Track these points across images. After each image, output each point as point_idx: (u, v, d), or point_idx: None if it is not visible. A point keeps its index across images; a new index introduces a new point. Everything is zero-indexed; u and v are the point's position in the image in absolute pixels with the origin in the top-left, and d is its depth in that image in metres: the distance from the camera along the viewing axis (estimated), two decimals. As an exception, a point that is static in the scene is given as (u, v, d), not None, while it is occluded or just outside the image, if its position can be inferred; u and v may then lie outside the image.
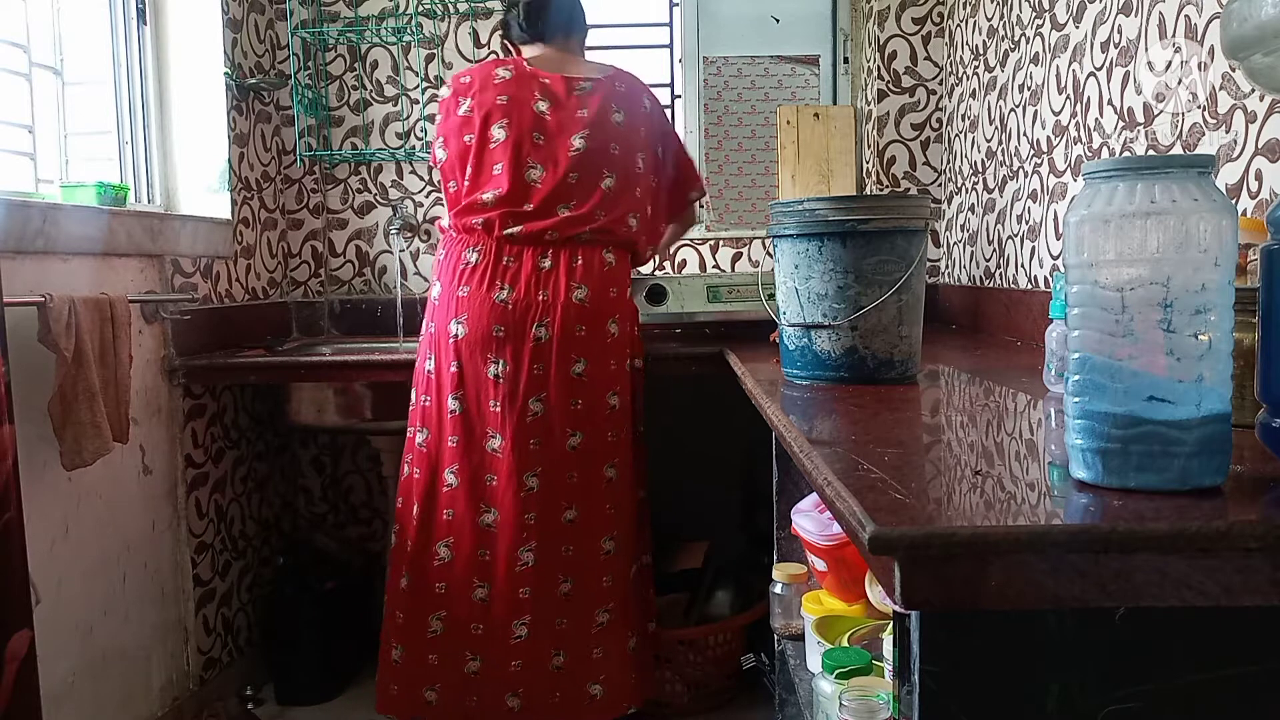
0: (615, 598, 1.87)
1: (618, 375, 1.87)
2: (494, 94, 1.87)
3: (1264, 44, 0.77)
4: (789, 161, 2.75)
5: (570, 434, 1.82)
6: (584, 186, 1.84)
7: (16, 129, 1.90)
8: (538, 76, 1.89)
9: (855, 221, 1.33)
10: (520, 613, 1.81)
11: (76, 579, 1.85)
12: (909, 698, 0.66)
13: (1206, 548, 0.62)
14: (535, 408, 1.80)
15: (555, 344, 1.80)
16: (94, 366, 1.75)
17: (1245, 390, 0.84)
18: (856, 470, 0.78)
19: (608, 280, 1.86)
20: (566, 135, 1.85)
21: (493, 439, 1.81)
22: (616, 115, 1.89)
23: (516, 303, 1.80)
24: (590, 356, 1.82)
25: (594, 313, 1.83)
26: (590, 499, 1.84)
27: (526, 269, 1.81)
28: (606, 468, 1.85)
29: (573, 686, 1.83)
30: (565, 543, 1.83)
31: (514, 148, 1.84)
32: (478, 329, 1.80)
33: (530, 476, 1.81)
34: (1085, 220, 0.69)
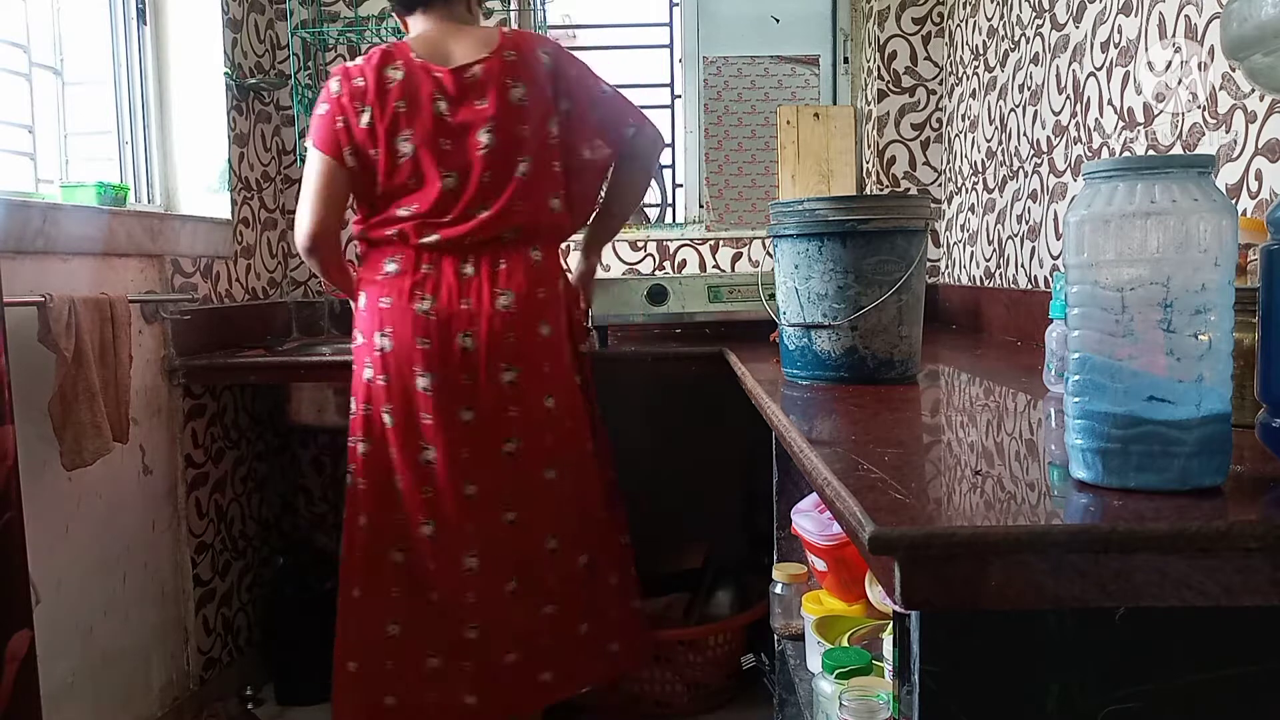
0: (560, 591, 1.86)
1: (552, 376, 1.81)
2: (392, 100, 1.75)
3: (1264, 44, 0.76)
4: (789, 161, 2.75)
5: (505, 441, 1.77)
6: (498, 183, 1.75)
7: (16, 129, 1.90)
8: (429, 71, 1.76)
9: (855, 221, 1.33)
10: (470, 618, 1.81)
11: (76, 579, 1.85)
12: (909, 698, 0.66)
13: (1206, 548, 0.62)
14: (465, 417, 1.75)
15: (482, 354, 1.74)
16: (94, 366, 1.74)
17: (1245, 390, 0.84)
18: (856, 470, 0.78)
19: (535, 281, 1.78)
20: (472, 133, 1.75)
21: (426, 451, 1.77)
22: (515, 90, 1.76)
23: (439, 313, 1.74)
24: (521, 363, 1.76)
25: (522, 317, 1.75)
26: (530, 501, 1.80)
27: (448, 277, 1.75)
28: (546, 470, 1.81)
29: (525, 678, 1.84)
30: (508, 545, 1.81)
31: (426, 160, 1.75)
32: (402, 342, 1.75)
33: (468, 485, 1.77)
34: (1085, 220, 0.69)
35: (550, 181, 1.81)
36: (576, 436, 1.87)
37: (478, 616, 1.81)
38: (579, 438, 1.88)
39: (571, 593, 1.88)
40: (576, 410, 1.88)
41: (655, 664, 2.19)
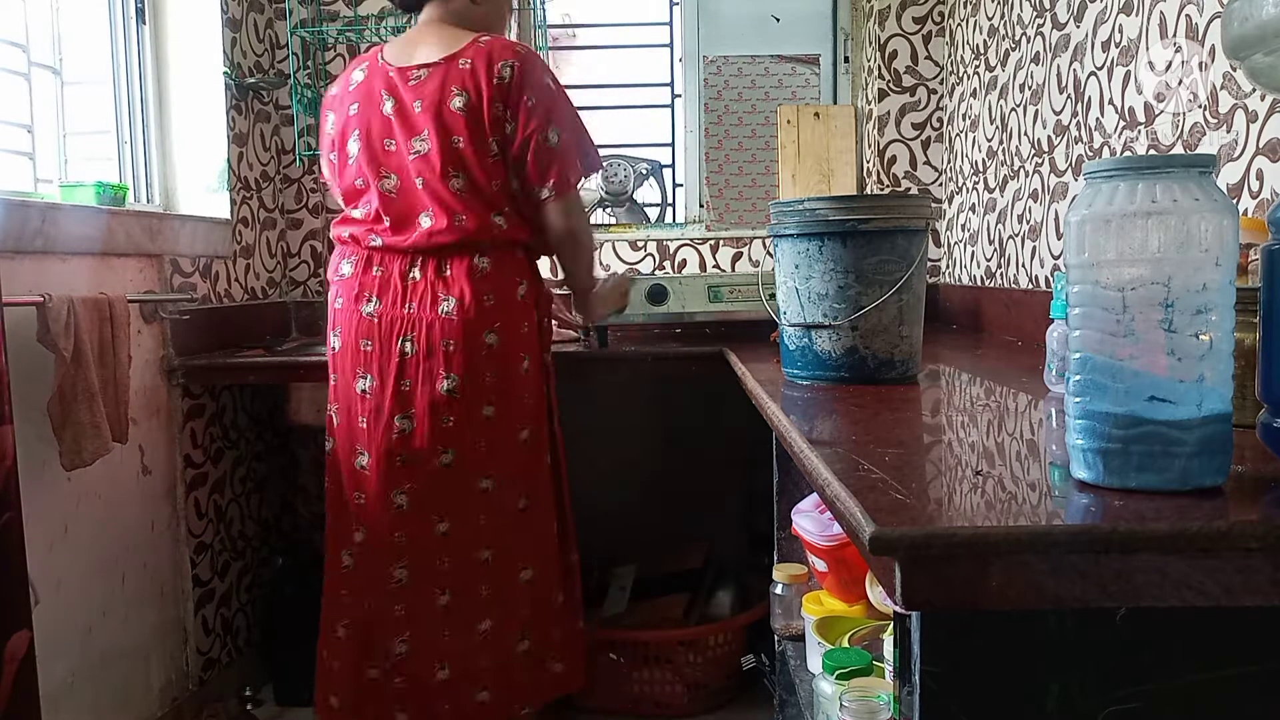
0: (495, 605, 1.80)
1: (494, 387, 1.74)
2: (349, 103, 1.78)
3: (1265, 43, 0.76)
4: (789, 161, 2.75)
5: (441, 451, 1.73)
6: (434, 192, 1.70)
7: (15, 129, 1.90)
8: (385, 73, 1.75)
9: (856, 221, 1.33)
10: (399, 630, 1.78)
11: (76, 579, 1.85)
12: (909, 698, 0.66)
13: (1207, 548, 0.61)
14: (401, 425, 1.72)
15: (420, 360, 1.71)
16: (93, 366, 1.74)
17: (1246, 390, 0.84)
18: (857, 470, 0.78)
19: (482, 288, 1.71)
20: (410, 135, 1.72)
21: (360, 455, 1.76)
22: (456, 100, 1.68)
23: (382, 316, 1.72)
24: (462, 372, 1.71)
25: (462, 326, 1.70)
26: (462, 512, 1.76)
27: (394, 281, 1.72)
28: (480, 480, 1.76)
29: (460, 698, 1.80)
30: (439, 556, 1.77)
31: (367, 162, 1.75)
32: (348, 342, 1.75)
33: (398, 494, 1.74)
34: (1086, 220, 0.69)
35: (492, 198, 1.73)
36: (523, 449, 1.80)
37: (406, 630, 1.78)
38: (527, 450, 1.81)
39: (510, 608, 1.82)
40: (527, 420, 1.80)
41: (655, 664, 2.18)
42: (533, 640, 1.85)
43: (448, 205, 1.70)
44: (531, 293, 1.81)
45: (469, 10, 1.81)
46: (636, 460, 2.55)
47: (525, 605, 1.84)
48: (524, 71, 1.70)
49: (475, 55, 1.70)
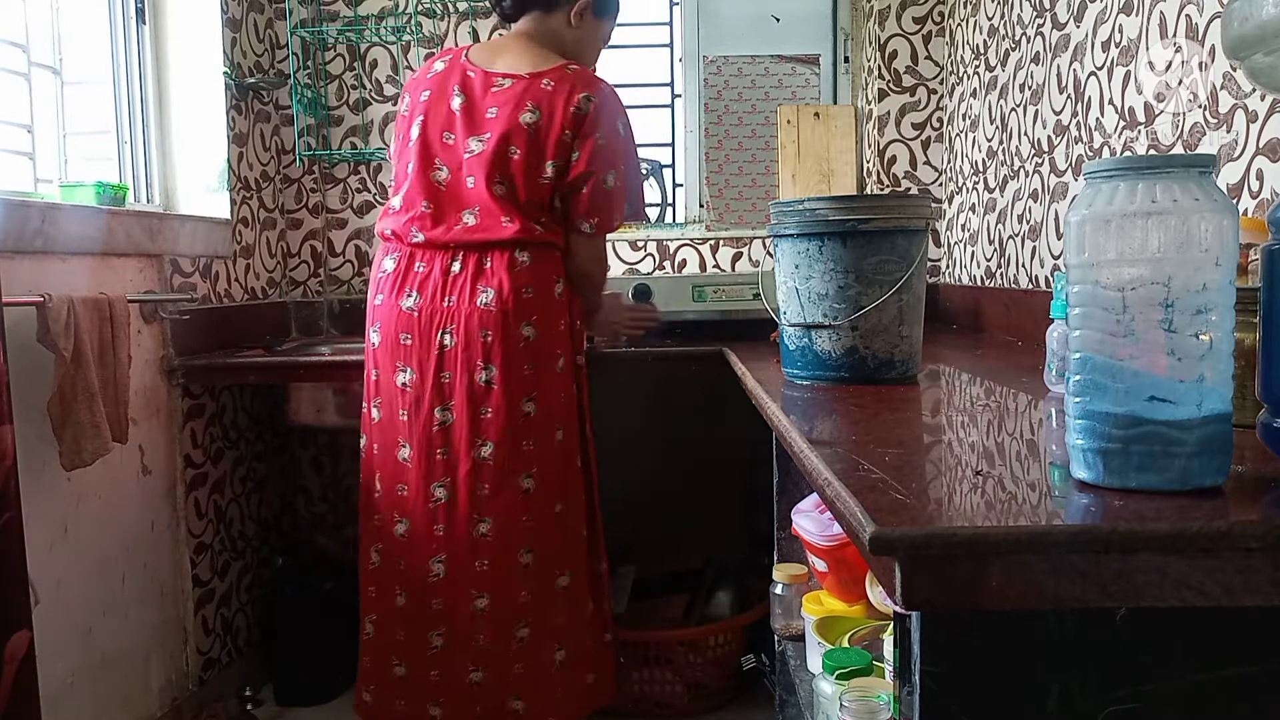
0: (534, 613, 1.79)
1: (533, 381, 1.75)
2: (422, 89, 1.82)
3: (1265, 43, 0.76)
4: (789, 161, 2.75)
5: (480, 444, 1.73)
6: (480, 192, 1.74)
7: (15, 129, 1.90)
8: (465, 70, 1.80)
9: (856, 221, 1.33)
10: (435, 625, 1.78)
11: (76, 579, 1.85)
12: (909, 698, 0.66)
13: (1207, 548, 0.61)
14: (441, 417, 1.74)
15: (459, 352, 1.72)
16: (93, 366, 1.74)
17: (1246, 390, 0.84)
18: (857, 470, 0.78)
19: (521, 281, 1.74)
20: (472, 133, 1.76)
21: (403, 448, 1.77)
22: (528, 115, 1.73)
23: (422, 310, 1.74)
24: (499, 363, 1.72)
25: (501, 316, 1.72)
26: (503, 511, 1.75)
27: (436, 275, 1.75)
28: (522, 478, 1.76)
29: (493, 701, 1.79)
30: (478, 557, 1.76)
31: (422, 147, 1.78)
32: (388, 337, 1.77)
33: (438, 487, 1.75)
34: (1086, 220, 0.69)
35: (529, 209, 1.76)
36: (559, 450, 1.81)
37: (442, 625, 1.78)
38: (562, 451, 1.81)
39: (547, 616, 1.81)
40: (561, 420, 1.81)
41: (655, 664, 2.18)
42: (568, 650, 1.84)
43: (489, 207, 1.74)
44: (566, 292, 1.83)
45: (564, 31, 1.86)
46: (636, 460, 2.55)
47: (562, 613, 1.83)
48: (601, 110, 1.75)
49: (559, 79, 1.75)
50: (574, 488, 1.85)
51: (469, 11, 2.68)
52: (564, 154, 1.75)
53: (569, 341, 1.82)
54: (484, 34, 2.69)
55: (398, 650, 1.81)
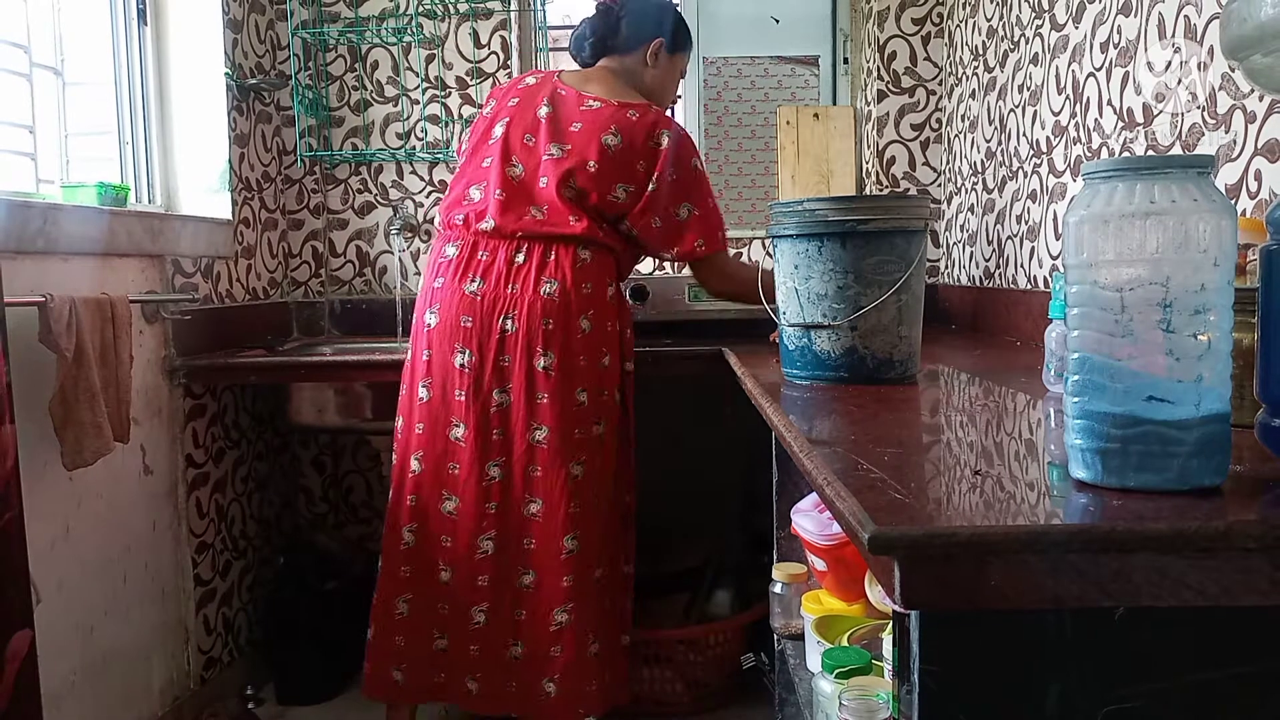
0: (576, 599, 1.83)
1: (588, 372, 1.83)
2: (511, 96, 1.93)
3: (1264, 44, 0.77)
4: (789, 161, 2.75)
5: (534, 427, 1.80)
6: (551, 193, 1.83)
7: (17, 129, 1.90)
8: (556, 87, 1.92)
9: (855, 222, 1.33)
10: (479, 599, 1.83)
11: (77, 579, 1.85)
12: (909, 698, 0.66)
13: (1206, 548, 0.62)
14: (499, 399, 1.80)
15: (521, 337, 1.79)
16: (95, 366, 1.75)
17: (1245, 390, 0.84)
18: (856, 470, 0.78)
19: (582, 276, 1.82)
20: (554, 140, 1.85)
21: (456, 427, 1.82)
22: (610, 138, 1.84)
23: (485, 295, 1.80)
24: (558, 351, 1.79)
25: (563, 307, 1.80)
26: (553, 495, 1.81)
27: (500, 264, 1.81)
28: (573, 465, 1.82)
29: (528, 679, 1.83)
30: (526, 536, 1.82)
31: (504, 145, 1.87)
32: (447, 318, 1.82)
33: (492, 466, 1.81)
34: (1085, 220, 0.69)
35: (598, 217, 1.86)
36: (600, 444, 1.87)
37: (486, 601, 1.83)
38: (606, 446, 1.88)
39: (585, 605, 1.85)
40: (605, 416, 1.87)
41: (655, 663, 2.19)
42: (600, 644, 1.88)
43: (557, 206, 1.82)
44: (618, 296, 1.92)
45: (642, 70, 2.00)
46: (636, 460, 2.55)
47: (596, 606, 1.87)
48: (677, 147, 1.88)
49: (643, 113, 1.88)
50: (612, 484, 1.91)
51: (470, 13, 2.68)
52: (637, 182, 1.85)
53: (617, 343, 1.90)
54: (484, 35, 2.69)
55: (439, 624, 1.85)
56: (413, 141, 2.72)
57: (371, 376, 2.24)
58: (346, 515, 2.79)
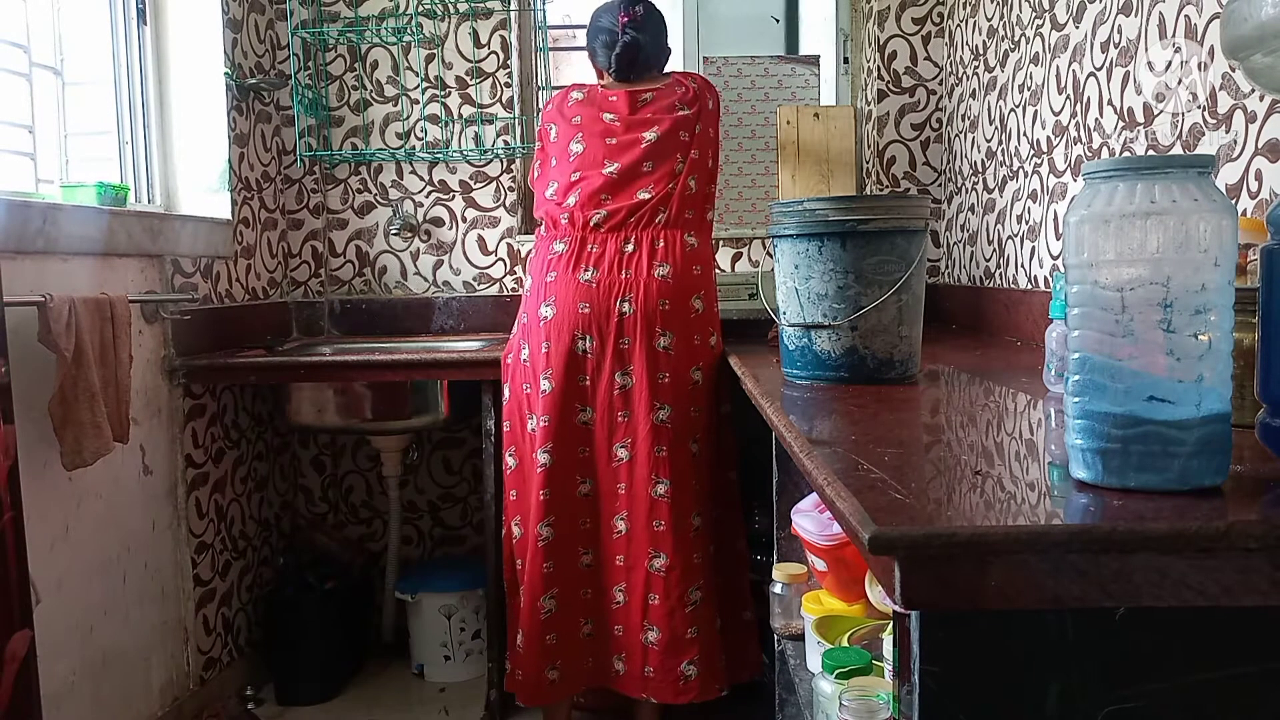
0: (705, 575, 1.90)
1: (701, 351, 1.90)
2: (573, 114, 2.01)
3: (1264, 44, 0.77)
4: (789, 161, 2.75)
5: (658, 407, 1.86)
6: (659, 173, 1.92)
7: (16, 129, 1.90)
8: (606, 96, 2.01)
9: (855, 221, 1.33)
10: (618, 579, 1.89)
11: (77, 579, 1.85)
12: (909, 698, 0.66)
13: (1206, 548, 0.62)
14: (622, 381, 1.86)
15: (640, 319, 1.85)
16: (94, 366, 1.75)
17: (1245, 390, 0.84)
18: (856, 470, 0.78)
19: (691, 259, 1.91)
20: (638, 131, 1.94)
21: (583, 412, 1.89)
22: (682, 110, 1.96)
23: (600, 281, 1.87)
24: (675, 330, 1.86)
25: (677, 289, 1.87)
26: (678, 473, 1.87)
27: (610, 253, 1.89)
28: (691, 443, 1.88)
29: (668, 664, 1.87)
30: (656, 517, 1.87)
31: (590, 154, 1.95)
32: (565, 308, 1.88)
33: (620, 448, 1.87)
34: (1085, 220, 0.69)
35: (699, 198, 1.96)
36: (713, 419, 1.94)
37: (624, 580, 1.88)
38: (716, 421, 1.95)
39: (712, 581, 1.92)
40: (715, 393, 1.94)
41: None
42: (725, 620, 1.94)
43: (670, 183, 1.92)
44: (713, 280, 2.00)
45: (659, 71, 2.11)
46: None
47: (722, 581, 1.94)
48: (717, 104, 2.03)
49: (685, 85, 2.00)
50: (728, 458, 1.99)
51: (469, 13, 2.68)
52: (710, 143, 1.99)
53: (719, 323, 1.98)
54: (484, 35, 2.69)
55: (584, 609, 1.91)
56: (412, 141, 2.72)
57: (371, 376, 2.24)
58: (346, 515, 2.79)
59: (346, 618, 2.49)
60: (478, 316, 2.73)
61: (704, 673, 1.88)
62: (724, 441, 2.01)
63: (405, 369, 2.16)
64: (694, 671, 1.87)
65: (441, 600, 2.45)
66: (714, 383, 1.94)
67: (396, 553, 2.62)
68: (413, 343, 2.55)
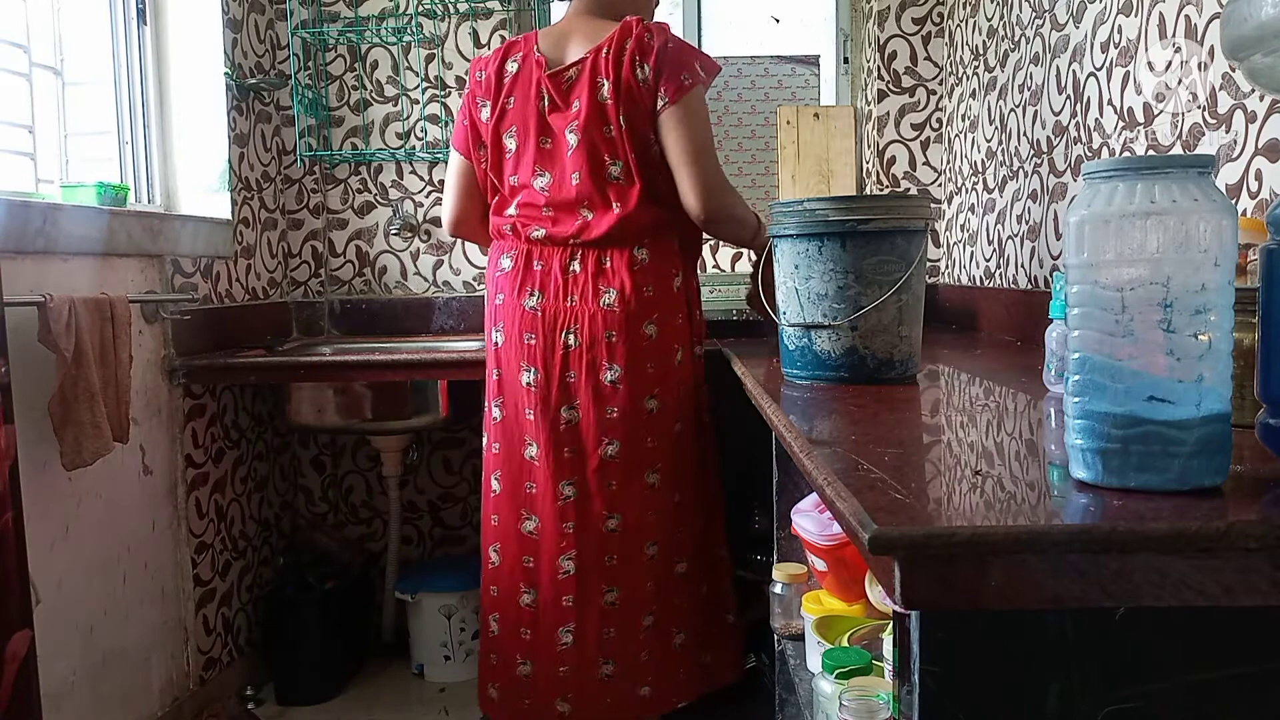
0: (659, 600, 1.83)
1: (657, 378, 1.78)
2: (504, 96, 1.80)
3: (1264, 44, 0.76)
4: (789, 161, 2.75)
5: (606, 442, 1.76)
6: (592, 185, 1.74)
7: (16, 129, 1.90)
8: (540, 66, 1.77)
9: (855, 221, 1.33)
10: (565, 620, 1.81)
11: (77, 579, 1.85)
12: (909, 698, 0.66)
13: (1206, 548, 0.62)
14: (567, 416, 1.77)
15: (584, 352, 1.75)
16: (94, 366, 1.75)
17: (1245, 390, 0.84)
18: (856, 470, 0.78)
19: (642, 279, 1.76)
20: (563, 132, 1.76)
21: (530, 446, 1.80)
22: (603, 90, 1.71)
23: (545, 309, 1.76)
24: (623, 363, 1.75)
25: (624, 317, 1.74)
26: (631, 507, 1.78)
27: (555, 274, 1.76)
28: (648, 474, 1.79)
29: (623, 691, 1.83)
30: (607, 552, 1.79)
31: (525, 157, 1.79)
32: (511, 337, 1.80)
33: (566, 485, 1.77)
34: (1085, 220, 0.69)
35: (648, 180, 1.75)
36: (678, 441, 1.83)
37: (572, 621, 1.81)
38: (682, 443, 1.83)
39: (669, 601, 1.86)
40: (681, 413, 1.83)
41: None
42: (686, 633, 1.89)
43: (608, 195, 1.74)
44: (685, 285, 1.85)
45: None
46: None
47: (680, 597, 1.87)
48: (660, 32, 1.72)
49: (613, 44, 1.72)
50: (691, 478, 1.87)
51: (469, 12, 2.68)
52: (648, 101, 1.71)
53: (688, 333, 1.84)
54: (484, 35, 2.69)
55: (523, 649, 1.83)
56: (412, 141, 2.72)
57: (371, 376, 2.24)
58: (346, 515, 2.79)
59: (346, 618, 2.49)
60: (478, 316, 2.73)
61: (657, 690, 1.85)
62: (703, 453, 1.89)
63: (405, 369, 2.16)
64: (648, 692, 1.85)
65: (441, 600, 2.45)
66: (676, 406, 1.81)
67: (396, 553, 2.62)
68: (413, 343, 2.55)
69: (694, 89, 1.72)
